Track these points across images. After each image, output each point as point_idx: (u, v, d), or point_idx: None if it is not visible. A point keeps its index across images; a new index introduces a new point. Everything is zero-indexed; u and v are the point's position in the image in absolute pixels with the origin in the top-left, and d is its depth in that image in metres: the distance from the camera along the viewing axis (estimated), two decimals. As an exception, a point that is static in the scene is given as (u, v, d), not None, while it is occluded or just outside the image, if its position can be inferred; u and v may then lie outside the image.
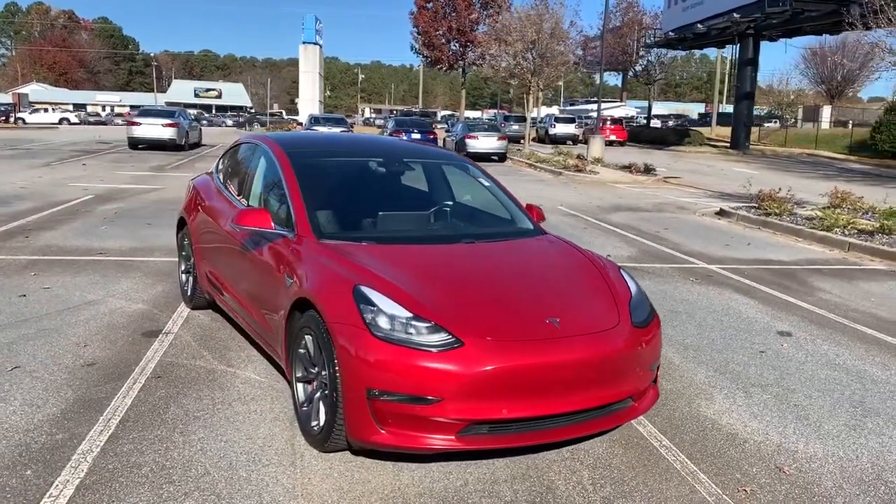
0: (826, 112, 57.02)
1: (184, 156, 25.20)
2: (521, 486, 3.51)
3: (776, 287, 8.07)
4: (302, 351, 3.94)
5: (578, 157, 27.37)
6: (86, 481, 3.39)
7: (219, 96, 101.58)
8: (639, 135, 44.68)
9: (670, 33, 41.90)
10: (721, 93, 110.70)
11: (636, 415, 3.84)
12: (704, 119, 79.60)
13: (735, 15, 35.34)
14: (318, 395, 3.82)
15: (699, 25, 38.40)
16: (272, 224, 4.36)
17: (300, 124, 34.94)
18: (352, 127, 29.16)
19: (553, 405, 3.46)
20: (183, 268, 6.45)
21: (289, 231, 4.33)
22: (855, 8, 31.76)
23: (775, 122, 75.74)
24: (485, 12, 50.08)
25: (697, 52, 62.14)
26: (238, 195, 5.33)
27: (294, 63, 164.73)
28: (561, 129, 42.33)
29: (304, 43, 45.51)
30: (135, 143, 26.61)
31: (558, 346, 3.49)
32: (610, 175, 22.80)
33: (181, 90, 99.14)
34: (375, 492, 3.40)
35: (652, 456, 3.87)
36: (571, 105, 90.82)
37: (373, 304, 3.48)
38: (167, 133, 26.20)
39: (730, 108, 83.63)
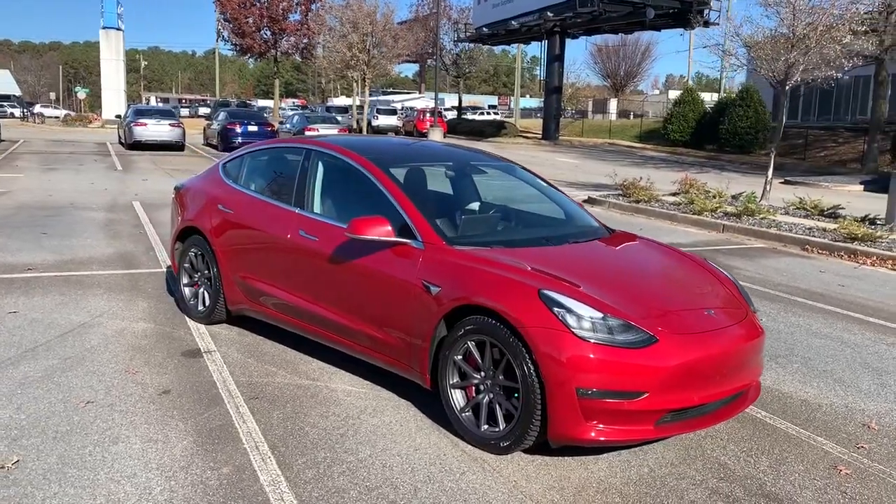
0: (613, 105, 62.39)
1: (-8, 153, 22.41)
2: (698, 465, 3.84)
3: (703, 268, 9.02)
4: (459, 357, 3.97)
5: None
6: (309, 512, 3.24)
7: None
8: (456, 126, 46.18)
9: (484, 29, 43.69)
10: (505, 85, 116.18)
11: (757, 396, 4.30)
12: (496, 110, 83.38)
13: (549, 13, 37.67)
14: (486, 399, 3.89)
15: (513, 22, 40.43)
16: (394, 232, 4.31)
17: (119, 117, 32.09)
18: (180, 120, 27.43)
19: (718, 391, 3.82)
20: (186, 281, 6.02)
21: (411, 239, 4.30)
22: (650, 10, 35.25)
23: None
24: (295, 0, 49.04)
25: (485, 47, 65.37)
26: (293, 203, 5.09)
27: (57, 47, 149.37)
28: (384, 120, 42.71)
29: (104, 28, 41.33)
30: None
31: (723, 336, 3.86)
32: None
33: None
34: (586, 486, 3.57)
35: (766, 427, 4.37)
36: (370, 96, 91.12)
37: (564, 307, 3.63)
38: (-34, 127, 23.09)
39: (525, 102, 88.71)
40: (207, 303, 5.81)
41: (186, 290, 6.02)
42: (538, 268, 4.01)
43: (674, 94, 79.39)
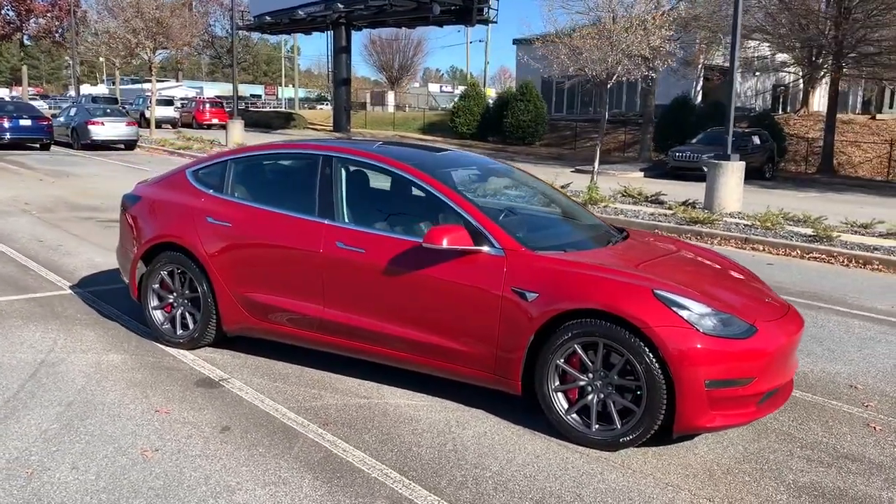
0: (391, 97, 63.50)
1: None
2: (772, 438, 4.26)
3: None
4: (560, 361, 4.04)
5: (212, 142, 26.73)
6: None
7: None
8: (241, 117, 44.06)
9: (266, 17, 42.20)
10: (266, 74, 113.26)
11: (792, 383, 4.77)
12: (262, 100, 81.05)
13: (339, 5, 37.30)
14: (595, 399, 4.00)
15: (299, 12, 39.49)
16: (472, 240, 4.24)
17: None
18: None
19: (788, 374, 4.28)
20: (155, 304, 5.39)
21: (486, 246, 4.26)
22: (436, 6, 36.37)
23: (327, 104, 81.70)
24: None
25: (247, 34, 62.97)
26: (318, 214, 4.76)
27: None
28: (160, 111, 39.54)
29: None
30: None
31: (790, 322, 4.29)
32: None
33: None
34: (712, 469, 3.84)
35: (793, 399, 4.92)
36: (113, 85, 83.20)
37: (680, 305, 3.85)
38: None
39: (291, 92, 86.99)
40: (191, 325, 5.25)
41: (157, 314, 5.38)
42: (627, 269, 4.19)
43: (433, 88, 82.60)
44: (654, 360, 3.79)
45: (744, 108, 40.46)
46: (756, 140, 25.98)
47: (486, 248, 4.26)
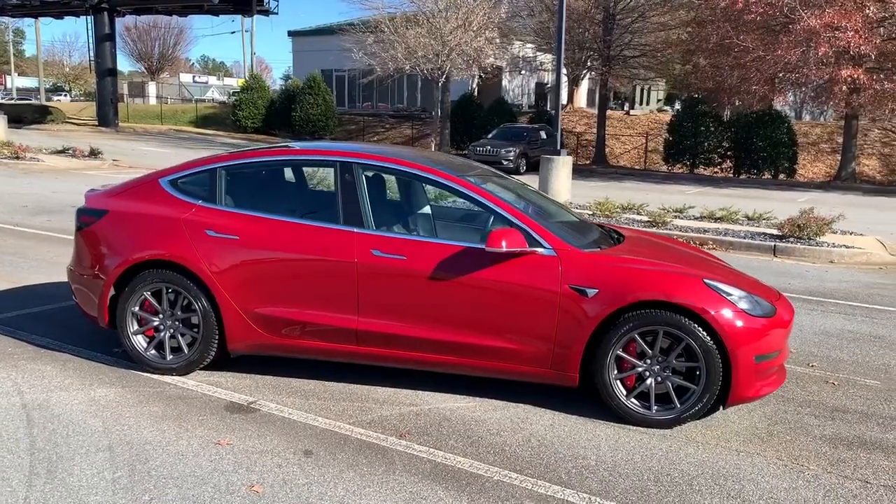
0: (152, 88, 59.34)
1: None
2: (773, 402, 4.90)
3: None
4: (620, 351, 4.34)
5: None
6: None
7: None
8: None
9: (10, -2, 37.33)
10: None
11: None
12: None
13: (106, -14, 34.17)
14: (653, 382, 4.36)
15: (55, -7, 35.57)
16: (526, 242, 4.38)
17: None
18: None
19: (787, 351, 4.93)
20: (135, 328, 4.86)
21: (537, 247, 4.42)
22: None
23: (65, 95, 74.59)
24: None
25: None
26: (343, 222, 4.58)
27: None
28: None
29: None
30: None
31: (786, 302, 4.91)
32: (60, 162, 20.44)
33: None
34: (754, 433, 4.35)
35: (751, 364, 5.65)
36: None
37: (726, 291, 4.32)
38: None
39: (23, 82, 77.90)
40: (185, 348, 4.81)
41: (140, 339, 4.85)
42: (673, 262, 4.59)
43: (185, 78, 78.64)
44: (712, 341, 4.22)
45: (513, 105, 43.40)
46: (543, 135, 27.98)
47: (539, 249, 4.43)
